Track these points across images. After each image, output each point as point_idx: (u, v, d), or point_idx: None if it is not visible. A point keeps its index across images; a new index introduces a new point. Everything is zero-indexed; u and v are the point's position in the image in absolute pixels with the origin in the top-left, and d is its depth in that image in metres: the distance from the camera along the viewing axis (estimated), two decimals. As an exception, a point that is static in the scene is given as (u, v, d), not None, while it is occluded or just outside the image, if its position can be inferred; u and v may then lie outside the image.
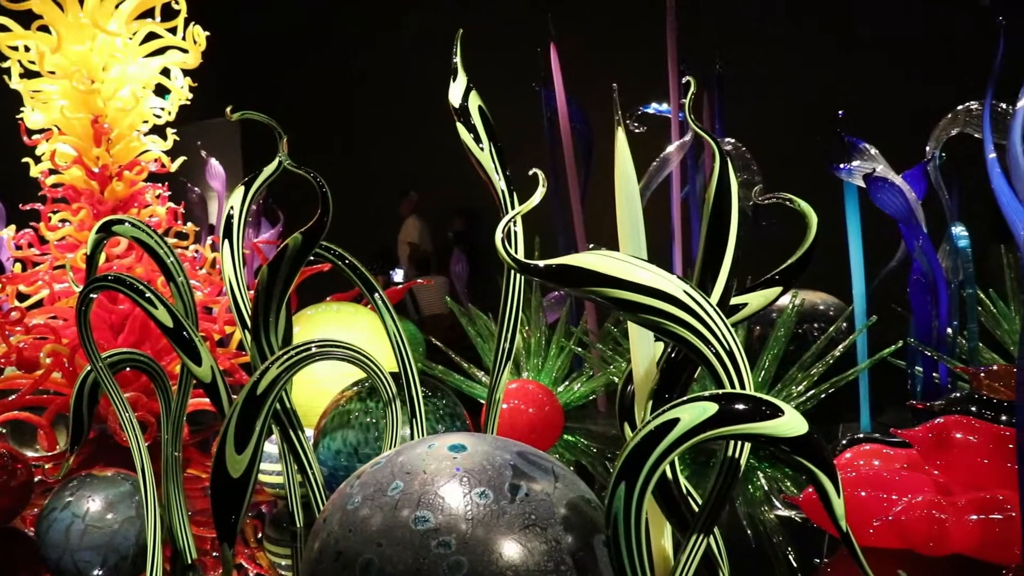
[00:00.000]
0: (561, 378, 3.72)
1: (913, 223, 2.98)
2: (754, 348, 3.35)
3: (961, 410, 2.44)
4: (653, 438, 1.25)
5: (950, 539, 2.09)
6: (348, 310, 3.63)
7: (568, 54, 4.03)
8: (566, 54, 4.00)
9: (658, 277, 1.31)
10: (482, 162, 1.87)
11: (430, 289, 5.59)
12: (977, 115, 2.96)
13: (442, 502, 1.38)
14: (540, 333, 3.74)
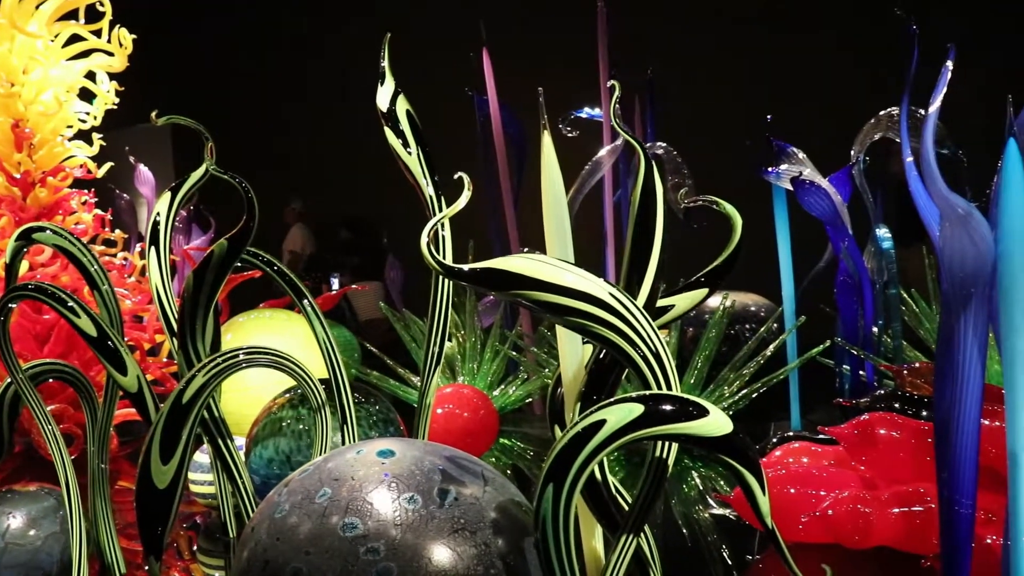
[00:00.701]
0: (496, 382, 3.72)
1: (839, 225, 3.05)
2: (687, 349, 3.40)
3: (885, 407, 2.50)
4: (580, 439, 1.26)
5: (875, 532, 2.14)
6: (281, 317, 3.59)
7: (501, 59, 4.04)
8: (499, 59, 4.02)
9: (583, 280, 1.32)
10: (410, 166, 1.87)
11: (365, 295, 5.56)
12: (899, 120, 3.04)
13: (370, 508, 1.37)
14: (475, 337, 3.74)
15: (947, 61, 1.64)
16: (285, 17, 8.67)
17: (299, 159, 8.50)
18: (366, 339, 4.36)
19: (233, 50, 8.73)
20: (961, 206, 1.53)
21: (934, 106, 1.65)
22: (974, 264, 1.60)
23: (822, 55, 5.35)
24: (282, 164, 8.21)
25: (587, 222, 3.69)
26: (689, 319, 3.57)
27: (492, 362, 3.70)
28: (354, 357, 4.32)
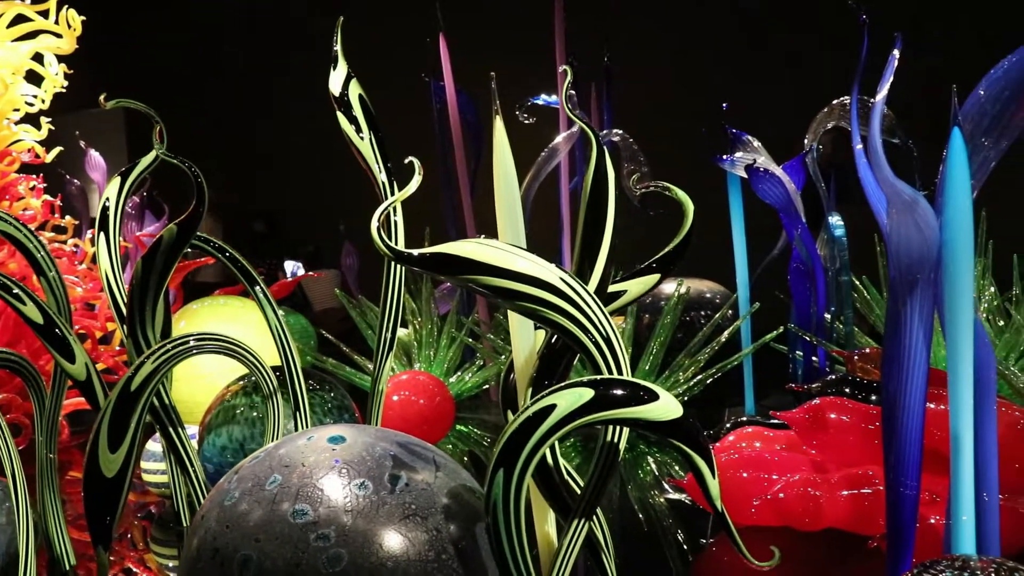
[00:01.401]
0: (453, 369, 3.72)
1: (792, 212, 3.08)
2: (643, 336, 3.42)
3: (836, 392, 2.54)
4: (530, 424, 1.26)
5: (824, 514, 2.18)
6: (236, 304, 3.55)
7: (458, 45, 4.02)
8: (456, 45, 4.00)
9: (534, 265, 1.32)
10: (362, 152, 1.86)
11: (321, 282, 5.52)
12: (847, 108, 3.08)
13: (321, 494, 1.37)
14: (431, 324, 3.73)
15: (894, 50, 1.66)
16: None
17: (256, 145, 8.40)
18: (323, 326, 4.33)
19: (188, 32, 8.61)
20: (907, 193, 1.55)
21: (881, 94, 1.67)
22: (920, 251, 1.62)
23: (779, 43, 5.39)
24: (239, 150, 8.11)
25: (544, 209, 3.70)
26: (645, 305, 3.60)
27: (448, 349, 3.70)
28: (310, 344, 4.29)
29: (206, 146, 7.23)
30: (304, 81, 3.60)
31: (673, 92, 5.15)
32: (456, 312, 3.77)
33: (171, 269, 1.87)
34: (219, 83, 8.58)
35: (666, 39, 5.48)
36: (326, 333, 4.02)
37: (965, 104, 1.66)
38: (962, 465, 1.66)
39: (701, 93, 4.25)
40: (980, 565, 1.47)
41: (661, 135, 4.38)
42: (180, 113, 2.52)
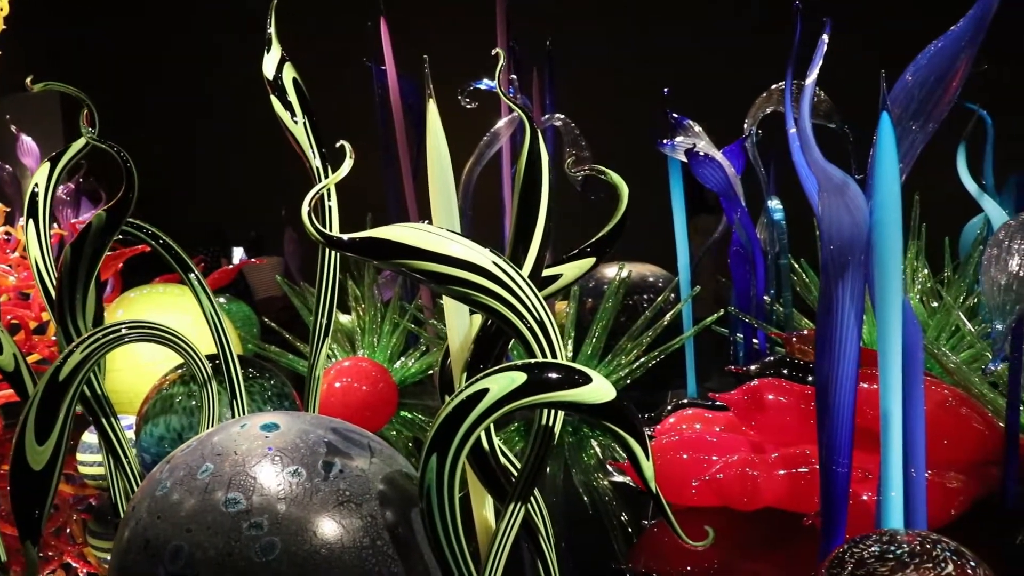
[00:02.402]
0: (396, 355, 3.70)
1: (732, 196, 3.11)
2: (586, 320, 3.43)
3: (774, 373, 2.58)
4: (463, 409, 1.26)
5: (762, 494, 2.21)
6: (175, 291, 3.50)
7: (399, 29, 3.99)
8: (397, 29, 3.96)
9: (467, 249, 1.31)
10: (296, 136, 1.83)
11: (263, 269, 5.45)
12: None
13: (253, 482, 1.35)
14: (375, 311, 3.71)
15: (823, 35, 1.68)
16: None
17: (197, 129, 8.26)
18: (265, 314, 4.29)
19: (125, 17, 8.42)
20: (837, 177, 1.57)
21: (811, 78, 1.69)
22: (850, 233, 1.65)
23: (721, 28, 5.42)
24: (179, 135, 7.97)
25: (485, 193, 3.69)
26: (588, 290, 3.61)
27: (392, 335, 3.68)
28: (253, 332, 4.25)
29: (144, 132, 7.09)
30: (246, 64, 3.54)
31: (616, 77, 5.16)
32: (399, 298, 3.75)
33: (101, 256, 1.83)
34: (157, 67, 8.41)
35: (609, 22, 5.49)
36: (268, 320, 3.97)
37: (893, 89, 1.69)
38: (891, 442, 1.70)
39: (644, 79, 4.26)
40: (906, 539, 1.50)
41: (603, 119, 4.39)
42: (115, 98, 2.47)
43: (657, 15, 5.25)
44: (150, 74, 8.38)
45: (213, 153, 8.10)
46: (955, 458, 2.28)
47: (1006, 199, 3.24)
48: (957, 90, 1.68)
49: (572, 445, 3.15)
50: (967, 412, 2.33)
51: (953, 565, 1.45)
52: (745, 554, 2.25)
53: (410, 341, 3.86)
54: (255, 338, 4.13)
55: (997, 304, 1.80)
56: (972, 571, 1.45)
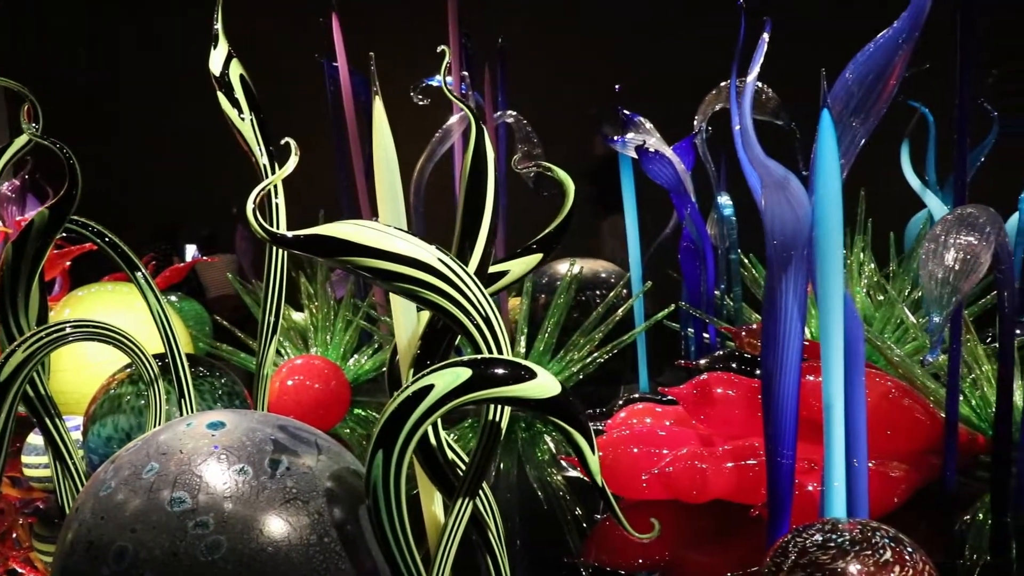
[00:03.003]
0: (350, 352, 3.69)
1: (682, 192, 3.14)
2: (539, 316, 3.45)
3: (723, 367, 2.61)
4: (408, 405, 1.27)
5: (710, 486, 2.24)
6: (124, 290, 3.45)
7: (352, 25, 3.97)
8: (350, 25, 3.94)
9: (412, 245, 1.32)
10: (243, 133, 1.82)
11: (215, 267, 5.39)
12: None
13: (199, 481, 1.35)
14: (327, 308, 3.69)
15: (764, 34, 1.71)
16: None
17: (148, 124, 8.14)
18: (218, 312, 4.25)
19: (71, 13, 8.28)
20: (778, 173, 1.60)
21: (751, 76, 1.72)
22: (793, 228, 1.68)
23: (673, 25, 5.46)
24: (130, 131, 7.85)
25: (438, 189, 3.68)
26: (541, 286, 3.63)
27: (345, 333, 3.67)
28: (205, 331, 4.21)
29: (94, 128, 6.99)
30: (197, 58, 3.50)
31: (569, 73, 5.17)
32: (352, 296, 3.74)
33: (44, 255, 1.81)
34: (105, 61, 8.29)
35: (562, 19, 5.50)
36: (220, 319, 3.94)
37: (834, 87, 1.72)
38: (833, 433, 1.73)
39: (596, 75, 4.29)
40: (847, 527, 1.54)
41: (556, 116, 4.41)
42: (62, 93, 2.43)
43: (609, 11, 5.27)
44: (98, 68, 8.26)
45: (166, 149, 8.00)
46: (898, 448, 2.33)
47: (948, 194, 3.32)
48: (895, 87, 1.72)
49: (526, 441, 3.16)
50: (909, 403, 2.38)
51: (891, 551, 1.49)
52: (695, 546, 2.28)
53: (363, 339, 3.85)
54: (207, 336, 4.09)
55: (934, 297, 1.85)
56: (909, 556, 1.49)
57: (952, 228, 1.87)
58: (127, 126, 7.92)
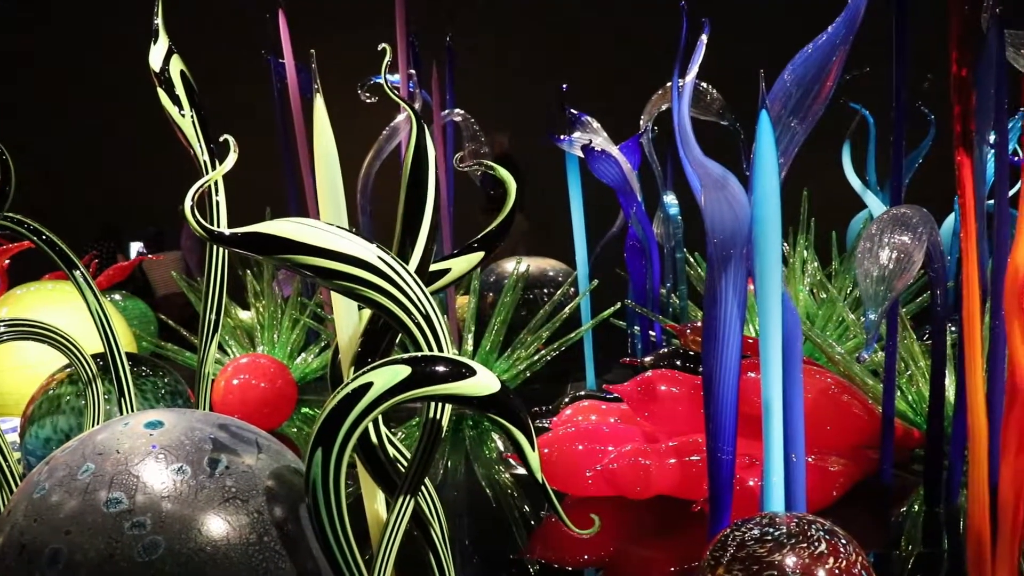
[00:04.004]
0: (296, 351, 3.67)
1: (628, 191, 3.17)
2: (487, 314, 3.46)
3: (667, 364, 2.64)
4: (347, 403, 1.27)
5: (654, 482, 2.27)
6: (66, 288, 3.39)
7: (299, 22, 3.94)
8: (297, 22, 3.91)
9: (352, 243, 1.31)
10: (184, 130, 1.81)
11: (162, 265, 5.32)
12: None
13: (136, 481, 1.33)
14: (274, 307, 3.66)
15: (702, 36, 1.73)
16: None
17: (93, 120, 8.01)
18: (165, 311, 4.20)
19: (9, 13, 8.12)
20: (716, 172, 1.62)
21: (689, 76, 1.74)
22: (732, 227, 1.70)
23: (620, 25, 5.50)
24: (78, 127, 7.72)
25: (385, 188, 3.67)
26: (489, 284, 3.64)
27: (292, 331, 3.65)
28: (150, 330, 4.16)
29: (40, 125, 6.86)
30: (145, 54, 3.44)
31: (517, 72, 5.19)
32: (299, 294, 3.72)
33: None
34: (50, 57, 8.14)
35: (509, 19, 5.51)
36: (166, 318, 3.89)
37: (772, 88, 1.75)
38: (772, 429, 1.76)
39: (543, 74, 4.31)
40: (784, 521, 1.57)
41: (504, 115, 4.42)
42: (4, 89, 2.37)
43: (558, 12, 5.30)
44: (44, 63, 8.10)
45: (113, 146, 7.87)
46: (837, 443, 2.38)
47: (888, 195, 3.39)
48: (832, 88, 1.75)
49: (474, 439, 3.17)
50: (848, 399, 2.43)
51: (826, 543, 1.52)
52: (639, 541, 2.31)
53: (311, 337, 3.83)
54: (153, 336, 4.04)
55: (870, 295, 1.89)
56: (843, 548, 1.53)
57: (887, 228, 1.92)
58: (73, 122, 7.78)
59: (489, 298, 3.57)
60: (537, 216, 4.43)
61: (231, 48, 4.77)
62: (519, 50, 5.29)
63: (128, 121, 7.73)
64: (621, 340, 3.75)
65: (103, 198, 7.17)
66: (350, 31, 4.46)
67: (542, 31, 5.40)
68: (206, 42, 5.38)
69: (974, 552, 1.44)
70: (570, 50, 5.19)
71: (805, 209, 3.68)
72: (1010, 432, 1.48)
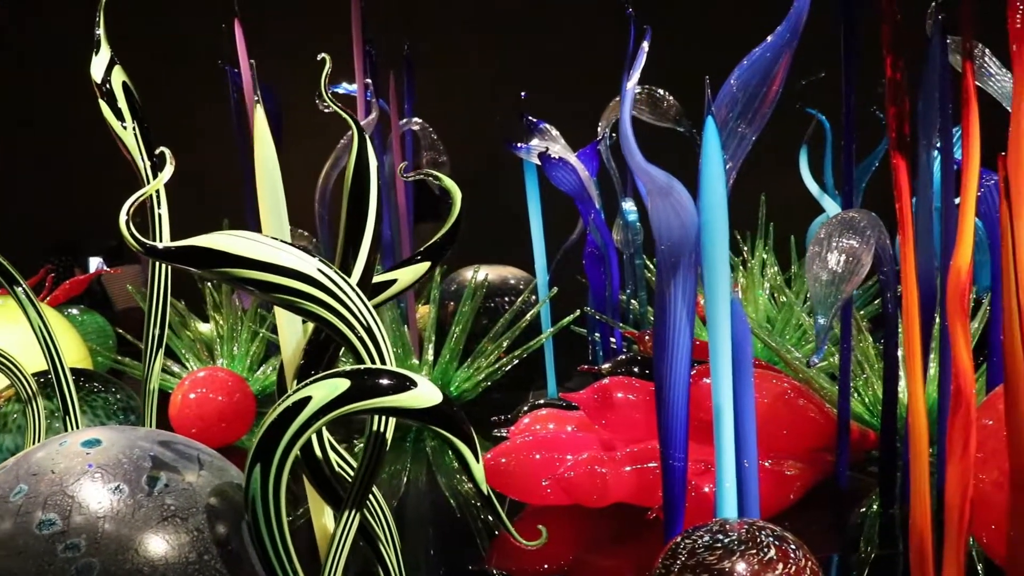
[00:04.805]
0: (256, 364, 3.63)
1: (586, 198, 3.17)
2: (447, 323, 3.44)
3: (625, 371, 2.64)
4: (286, 417, 1.25)
5: (611, 490, 2.25)
6: (12, 304, 3.33)
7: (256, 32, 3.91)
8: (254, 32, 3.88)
9: (290, 256, 1.30)
10: (125, 142, 1.78)
11: (120, 278, 5.25)
12: (640, 98, 3.19)
13: (71, 502, 1.30)
14: (233, 319, 3.63)
15: (643, 43, 1.73)
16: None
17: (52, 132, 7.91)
18: (124, 325, 4.14)
19: None
20: (660, 179, 1.62)
21: (631, 82, 1.74)
22: (679, 233, 1.70)
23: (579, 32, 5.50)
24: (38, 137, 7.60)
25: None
26: (449, 293, 3.63)
27: (251, 343, 3.61)
28: (108, 344, 4.10)
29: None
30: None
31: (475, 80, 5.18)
32: (258, 306, 3.68)
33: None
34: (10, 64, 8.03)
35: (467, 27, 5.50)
36: (124, 332, 3.84)
37: (719, 93, 1.75)
38: (723, 435, 1.76)
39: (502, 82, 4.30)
40: (734, 527, 1.57)
41: (462, 123, 4.41)
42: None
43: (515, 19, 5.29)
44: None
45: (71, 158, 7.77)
46: (793, 447, 2.38)
47: (846, 199, 3.41)
48: (778, 92, 1.76)
49: (435, 449, 3.15)
50: (805, 403, 2.44)
51: (775, 549, 1.52)
52: (597, 550, 2.31)
53: (271, 350, 3.79)
54: (111, 350, 3.99)
55: (820, 299, 1.89)
56: (793, 553, 1.53)
57: (835, 232, 1.93)
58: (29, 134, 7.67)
59: (450, 307, 3.55)
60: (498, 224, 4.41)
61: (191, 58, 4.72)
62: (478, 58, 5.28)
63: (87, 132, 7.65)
64: (583, 347, 3.74)
65: (60, 211, 7.06)
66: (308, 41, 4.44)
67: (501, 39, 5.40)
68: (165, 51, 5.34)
69: (917, 553, 1.44)
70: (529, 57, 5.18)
71: (763, 214, 3.70)
72: (955, 434, 1.48)
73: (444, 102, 4.48)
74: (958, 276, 1.44)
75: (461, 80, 4.94)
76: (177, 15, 5.62)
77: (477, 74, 4.96)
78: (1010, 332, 1.26)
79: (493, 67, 4.95)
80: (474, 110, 4.38)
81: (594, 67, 4.98)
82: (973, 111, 1.32)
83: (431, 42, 4.49)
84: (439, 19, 5.11)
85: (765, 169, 4.09)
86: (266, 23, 4.14)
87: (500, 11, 5.23)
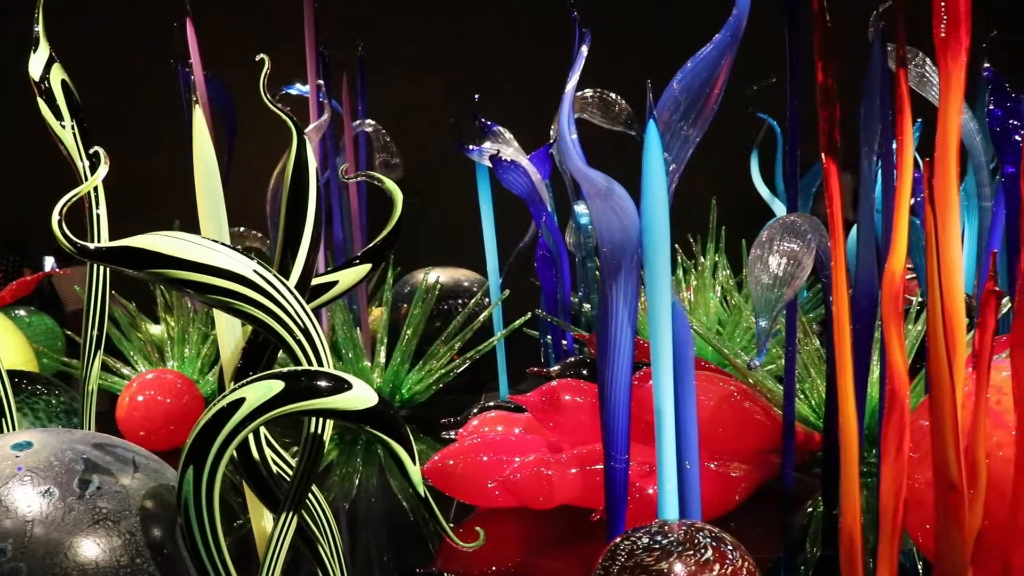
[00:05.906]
0: (208, 366, 3.60)
1: (537, 201, 3.18)
2: (400, 326, 3.43)
3: (574, 373, 2.65)
4: (219, 419, 1.24)
5: (557, 492, 2.26)
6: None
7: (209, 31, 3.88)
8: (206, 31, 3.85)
9: (226, 257, 1.29)
10: (64, 141, 1.76)
11: (71, 279, 5.16)
12: (591, 101, 3.21)
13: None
14: (184, 320, 3.59)
15: (582, 47, 1.74)
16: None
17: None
18: (75, 327, 4.07)
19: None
20: (600, 181, 1.63)
21: (569, 86, 1.75)
22: (621, 236, 1.71)
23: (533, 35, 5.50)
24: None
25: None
26: (403, 296, 3.63)
27: (202, 345, 3.57)
28: (57, 346, 4.04)
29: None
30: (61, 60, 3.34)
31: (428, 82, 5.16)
32: (208, 307, 3.64)
33: None
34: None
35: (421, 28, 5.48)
36: (73, 335, 3.79)
37: (662, 96, 1.77)
38: (664, 437, 1.78)
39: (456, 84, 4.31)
40: (673, 528, 1.58)
41: (416, 125, 4.40)
42: None
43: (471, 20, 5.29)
44: None
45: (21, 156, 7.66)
46: (739, 448, 2.41)
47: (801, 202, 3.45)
48: (720, 94, 1.78)
49: (385, 451, 3.14)
50: (750, 405, 2.46)
51: (712, 550, 1.54)
52: (543, 551, 2.31)
53: (222, 351, 3.75)
54: (59, 352, 3.92)
55: (761, 302, 1.92)
56: (730, 553, 1.55)
57: (776, 235, 1.95)
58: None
59: (403, 309, 3.54)
60: (450, 226, 4.41)
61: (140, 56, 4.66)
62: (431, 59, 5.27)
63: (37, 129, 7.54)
64: (536, 349, 3.75)
65: (8, 210, 6.95)
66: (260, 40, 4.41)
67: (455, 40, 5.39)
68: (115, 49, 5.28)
69: (846, 553, 1.46)
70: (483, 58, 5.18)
71: (714, 217, 3.74)
72: (890, 435, 1.50)
73: (397, 104, 4.47)
74: (892, 279, 1.47)
75: (414, 82, 4.93)
76: (136, 12, 5.56)
77: (431, 76, 4.95)
78: (933, 333, 1.29)
79: (447, 69, 4.94)
80: (428, 112, 4.38)
81: (548, 70, 5.01)
82: (907, 117, 1.34)
83: (385, 43, 4.48)
84: (393, 20, 5.10)
85: (716, 173, 4.14)
86: (222, 24, 4.11)
87: (455, 13, 5.22)
